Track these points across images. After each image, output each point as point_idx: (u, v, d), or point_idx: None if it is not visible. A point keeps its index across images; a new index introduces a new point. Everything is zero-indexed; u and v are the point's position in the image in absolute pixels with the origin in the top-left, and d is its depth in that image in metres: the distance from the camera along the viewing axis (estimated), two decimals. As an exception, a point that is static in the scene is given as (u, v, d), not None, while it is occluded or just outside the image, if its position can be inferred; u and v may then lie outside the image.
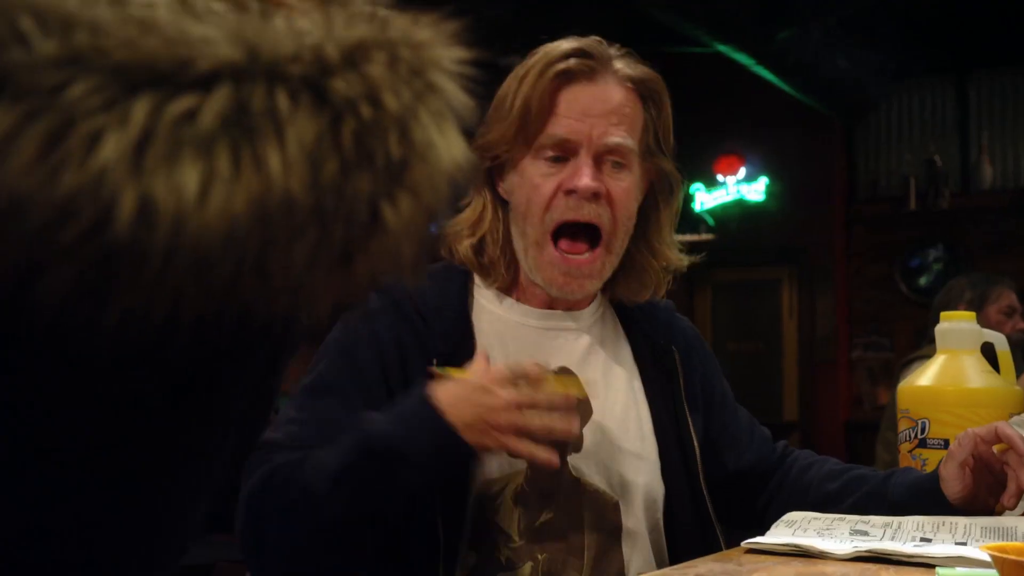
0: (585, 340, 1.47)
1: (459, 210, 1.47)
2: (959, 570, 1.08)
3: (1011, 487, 1.37)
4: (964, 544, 1.23)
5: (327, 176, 0.49)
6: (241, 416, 0.62)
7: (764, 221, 6.37)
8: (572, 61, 1.38)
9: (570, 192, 1.37)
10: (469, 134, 0.57)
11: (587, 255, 1.40)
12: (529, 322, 1.45)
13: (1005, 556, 0.95)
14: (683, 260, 1.50)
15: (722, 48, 4.96)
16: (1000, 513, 1.43)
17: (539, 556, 1.35)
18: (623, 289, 1.50)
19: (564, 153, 1.38)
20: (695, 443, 1.48)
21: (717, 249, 4.61)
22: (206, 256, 0.47)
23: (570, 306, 1.47)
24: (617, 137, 1.38)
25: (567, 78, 1.38)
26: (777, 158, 6.35)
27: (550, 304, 1.46)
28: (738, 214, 6.41)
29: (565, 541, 1.37)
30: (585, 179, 1.36)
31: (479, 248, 1.45)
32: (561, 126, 1.37)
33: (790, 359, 6.60)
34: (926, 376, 1.70)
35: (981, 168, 6.19)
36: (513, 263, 1.45)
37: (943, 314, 1.77)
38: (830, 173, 6.46)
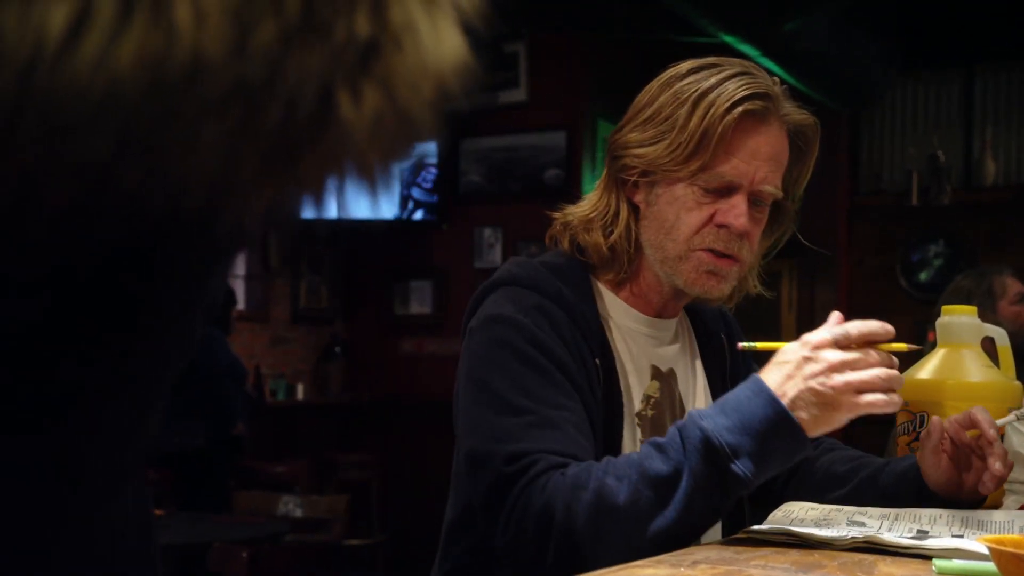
0: (678, 344, 1.57)
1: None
2: (956, 562, 1.08)
3: (985, 473, 1.38)
4: (961, 536, 1.23)
5: (259, 42, 0.38)
6: (168, 334, 0.52)
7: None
8: (756, 104, 1.40)
9: (722, 226, 1.41)
10: (476, 40, 0.45)
11: (728, 260, 1.45)
12: (641, 328, 1.51)
13: (1002, 548, 0.95)
14: (758, 288, 1.57)
15: (728, 39, 4.94)
16: (986, 498, 1.44)
17: None
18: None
19: (724, 189, 1.42)
20: None
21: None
22: (70, 122, 0.36)
23: (670, 315, 1.54)
24: (772, 186, 1.44)
25: (747, 117, 1.40)
26: (780, 150, 6.33)
27: (658, 312, 1.52)
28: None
29: None
30: (742, 219, 1.41)
31: (610, 242, 1.48)
32: (732, 167, 1.41)
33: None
34: (926, 369, 1.70)
35: (984, 163, 6.18)
36: (635, 264, 1.49)
37: (944, 308, 1.77)
38: (833, 166, 6.45)
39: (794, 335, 1.30)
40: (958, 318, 1.73)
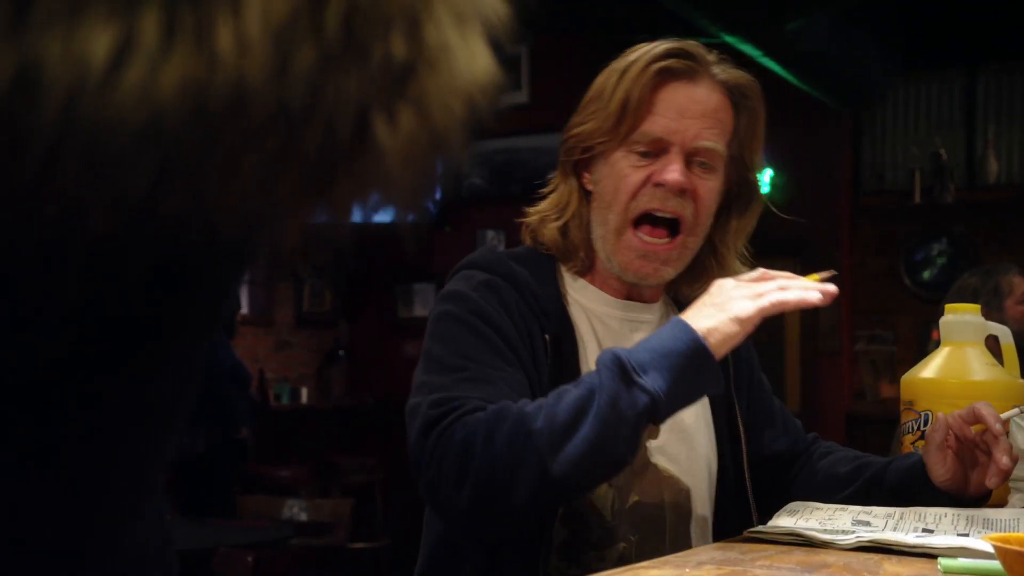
0: None
1: (534, 189, 1.55)
2: (961, 561, 1.08)
3: (991, 467, 1.38)
4: (967, 535, 1.23)
5: (300, 67, 0.37)
6: (191, 355, 0.52)
7: (769, 213, 6.35)
8: (672, 60, 1.42)
9: (658, 184, 1.42)
10: (501, 54, 0.44)
11: (665, 241, 1.44)
12: (613, 312, 1.51)
13: (1008, 547, 0.94)
14: (741, 272, 1.54)
15: (729, 39, 4.94)
16: (991, 494, 1.43)
17: (631, 537, 1.41)
18: (685, 288, 1.55)
19: (656, 150, 1.43)
20: (741, 428, 1.56)
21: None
22: (113, 152, 0.35)
23: (645, 299, 1.53)
24: (708, 141, 1.43)
25: (666, 76, 1.42)
26: (783, 150, 6.33)
27: (627, 295, 1.51)
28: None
29: (651, 524, 1.43)
30: (675, 174, 1.41)
31: (564, 231, 1.49)
32: (657, 124, 1.41)
33: (792, 351, 6.60)
34: (930, 368, 1.70)
35: (987, 162, 6.17)
36: (591, 251, 1.50)
37: (948, 306, 1.77)
38: (836, 165, 6.44)
39: (797, 334, 1.31)
40: (962, 316, 1.73)
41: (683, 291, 1.55)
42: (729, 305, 1.25)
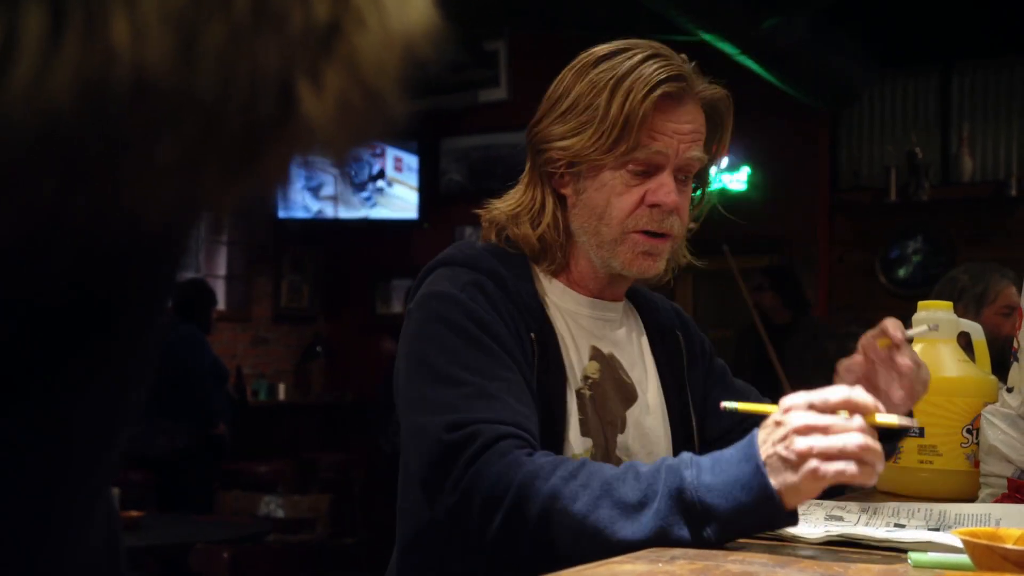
0: (623, 329, 1.59)
1: (512, 186, 1.55)
2: (931, 555, 1.10)
3: (895, 371, 1.44)
4: (937, 530, 1.25)
5: (207, 48, 0.34)
6: (133, 353, 0.50)
7: (746, 210, 6.37)
8: (672, 85, 1.44)
9: (654, 206, 1.45)
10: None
11: (661, 239, 1.48)
12: (582, 311, 1.54)
13: (976, 541, 0.96)
14: (687, 258, 1.62)
15: (707, 37, 4.96)
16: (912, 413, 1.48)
17: None
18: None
19: (650, 169, 1.45)
20: (693, 423, 1.59)
21: (699, 238, 4.62)
22: (6, 158, 0.32)
23: (614, 298, 1.57)
24: (695, 153, 1.47)
25: (665, 99, 1.44)
26: (760, 147, 6.36)
27: (598, 294, 1.54)
28: (720, 203, 6.42)
29: None
30: (671, 195, 1.45)
31: (539, 235, 1.51)
32: (655, 146, 1.44)
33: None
34: (903, 365, 1.71)
35: (961, 160, 6.22)
36: (567, 253, 1.52)
37: (920, 303, 1.79)
38: (813, 163, 6.48)
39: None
40: (934, 314, 1.75)
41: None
42: (796, 466, 1.11)
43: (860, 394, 1.14)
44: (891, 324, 1.45)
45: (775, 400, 1.21)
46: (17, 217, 0.33)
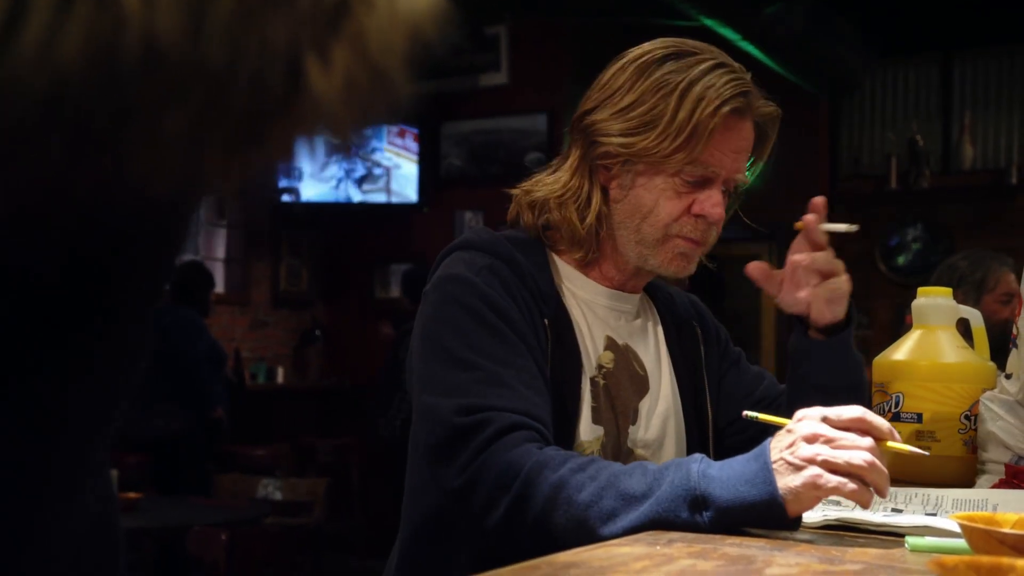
0: (639, 320, 1.59)
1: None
2: (928, 539, 1.10)
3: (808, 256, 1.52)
4: (934, 515, 1.25)
5: (217, 20, 0.34)
6: (131, 329, 0.50)
7: (745, 197, 6.37)
8: (740, 101, 1.44)
9: (699, 216, 1.46)
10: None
11: (698, 244, 1.50)
12: (600, 300, 1.54)
13: (973, 525, 0.96)
14: (704, 261, 1.60)
15: (708, 22, 4.95)
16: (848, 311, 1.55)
17: None
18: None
19: (703, 181, 1.46)
20: (709, 415, 1.60)
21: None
22: (13, 124, 0.32)
23: (634, 290, 1.57)
24: (743, 173, 1.50)
25: (731, 115, 1.44)
26: (760, 134, 6.35)
27: (620, 286, 1.55)
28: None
29: None
30: (719, 210, 1.47)
31: (585, 226, 1.49)
32: (714, 160, 1.45)
33: (769, 334, 6.64)
34: (901, 351, 1.71)
35: (962, 148, 6.21)
36: (600, 245, 1.52)
37: (920, 289, 1.78)
38: (813, 151, 6.47)
39: (774, 317, 1.32)
40: (934, 300, 1.74)
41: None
42: (799, 471, 1.12)
43: (875, 416, 1.16)
44: (809, 219, 1.52)
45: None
46: (22, 181, 0.33)
